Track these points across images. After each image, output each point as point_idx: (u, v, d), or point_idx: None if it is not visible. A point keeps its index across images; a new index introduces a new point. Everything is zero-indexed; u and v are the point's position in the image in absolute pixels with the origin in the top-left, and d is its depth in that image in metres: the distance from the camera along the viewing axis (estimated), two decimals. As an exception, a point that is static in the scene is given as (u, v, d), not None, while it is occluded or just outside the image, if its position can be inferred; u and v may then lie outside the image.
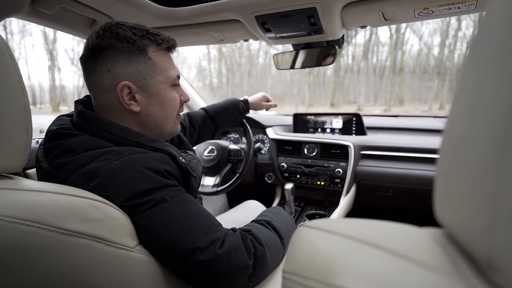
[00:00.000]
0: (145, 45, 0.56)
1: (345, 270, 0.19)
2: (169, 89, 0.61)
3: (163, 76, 0.59)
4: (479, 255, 0.16)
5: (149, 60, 0.56)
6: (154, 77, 0.57)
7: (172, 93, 0.62)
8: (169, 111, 0.62)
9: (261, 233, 0.57)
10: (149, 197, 0.45)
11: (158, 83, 0.58)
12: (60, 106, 15.55)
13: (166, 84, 0.60)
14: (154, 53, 0.57)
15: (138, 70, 0.55)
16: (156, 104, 0.59)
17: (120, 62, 0.54)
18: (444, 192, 0.20)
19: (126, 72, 0.54)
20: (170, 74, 0.60)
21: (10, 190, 0.35)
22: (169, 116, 0.62)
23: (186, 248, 0.45)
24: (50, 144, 0.51)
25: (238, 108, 1.08)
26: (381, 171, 1.24)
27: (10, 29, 13.11)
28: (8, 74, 0.37)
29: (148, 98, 0.58)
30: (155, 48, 0.58)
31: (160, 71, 0.58)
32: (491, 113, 0.16)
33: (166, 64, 0.59)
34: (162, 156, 0.52)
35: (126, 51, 0.54)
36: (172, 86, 0.62)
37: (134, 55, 0.55)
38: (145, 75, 0.56)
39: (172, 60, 0.63)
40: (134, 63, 0.55)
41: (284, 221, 0.69)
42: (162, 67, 0.58)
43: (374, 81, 13.85)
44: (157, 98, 0.59)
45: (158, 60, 0.58)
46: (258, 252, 0.52)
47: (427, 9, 0.76)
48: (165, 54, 0.60)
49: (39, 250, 0.33)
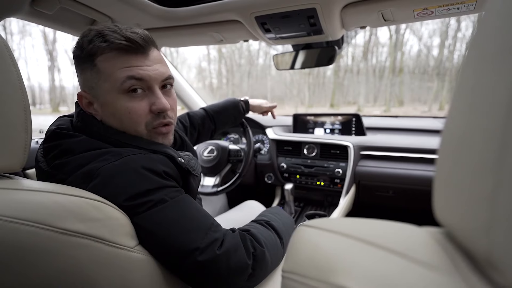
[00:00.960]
0: (91, 50, 0.50)
1: (344, 268, 0.19)
2: (120, 98, 0.51)
3: (108, 82, 0.51)
4: (479, 254, 0.16)
5: (94, 66, 0.50)
6: (100, 85, 0.51)
7: (126, 103, 0.51)
8: (126, 123, 0.53)
9: (260, 233, 0.57)
10: (149, 197, 0.45)
11: (104, 92, 0.51)
12: (59, 106, 15.53)
13: (113, 92, 0.51)
14: (102, 56, 0.50)
15: (86, 79, 0.52)
16: (109, 115, 0.53)
17: (77, 71, 0.54)
18: (443, 191, 0.20)
19: (81, 81, 0.54)
20: (116, 79, 0.50)
21: (9, 190, 0.35)
22: (131, 130, 0.54)
23: (186, 249, 0.45)
24: (49, 144, 0.51)
25: (238, 108, 1.07)
26: (381, 171, 1.24)
27: (10, 29, 13.10)
28: (8, 74, 0.37)
29: (102, 109, 0.53)
30: (103, 52, 0.50)
31: (105, 77, 0.50)
32: (490, 113, 0.16)
33: (112, 68, 0.50)
34: (160, 157, 0.52)
35: (77, 59, 0.53)
36: (125, 93, 0.51)
37: (82, 62, 0.52)
38: (92, 84, 0.52)
39: (129, 60, 0.51)
40: (84, 70, 0.52)
41: (283, 221, 0.69)
42: (107, 72, 0.50)
43: (373, 82, 13.86)
44: (109, 109, 0.52)
45: (104, 65, 0.50)
46: (257, 252, 0.52)
47: (426, 9, 0.76)
48: (116, 55, 0.50)
49: (39, 250, 0.33)
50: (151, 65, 0.53)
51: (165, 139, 0.59)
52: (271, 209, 0.77)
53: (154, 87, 0.54)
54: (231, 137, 1.63)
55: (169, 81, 0.57)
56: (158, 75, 0.54)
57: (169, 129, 0.58)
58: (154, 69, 0.53)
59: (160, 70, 0.54)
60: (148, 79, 0.52)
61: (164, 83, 0.56)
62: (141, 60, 0.52)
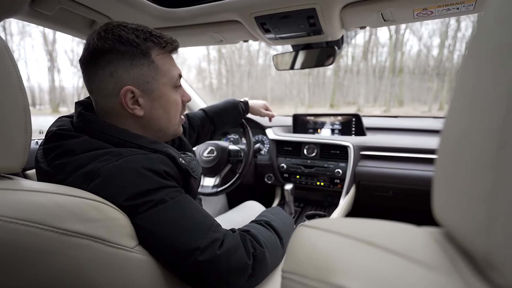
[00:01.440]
0: (148, 48, 0.55)
1: (344, 269, 0.19)
2: (172, 91, 0.60)
3: (165, 78, 0.58)
4: (478, 254, 0.16)
5: (152, 63, 0.56)
6: (157, 80, 0.57)
7: (175, 95, 0.61)
8: (172, 113, 0.61)
9: (260, 233, 0.57)
10: (149, 197, 0.45)
11: (161, 86, 0.58)
12: (59, 107, 15.52)
13: (168, 86, 0.59)
14: (158, 56, 0.56)
15: (141, 74, 0.55)
16: (159, 107, 0.59)
17: (123, 65, 0.53)
18: (443, 191, 0.20)
19: (129, 76, 0.54)
20: (172, 75, 0.59)
21: (9, 191, 0.35)
22: (172, 119, 0.62)
23: (186, 249, 0.45)
24: (49, 145, 0.51)
25: (237, 109, 1.08)
26: (381, 171, 1.24)
27: (10, 30, 13.09)
28: (8, 75, 0.37)
29: (151, 102, 0.57)
30: (158, 51, 0.57)
31: (163, 73, 0.58)
32: (489, 112, 0.16)
33: (168, 66, 0.59)
34: (161, 157, 0.52)
35: (129, 55, 0.53)
36: (175, 87, 0.61)
37: (137, 58, 0.54)
38: (148, 79, 0.56)
39: (174, 61, 0.62)
40: (137, 66, 0.54)
41: (283, 221, 0.69)
42: (164, 69, 0.58)
43: (373, 82, 13.86)
44: (161, 101, 0.58)
45: (161, 62, 0.57)
46: (257, 252, 0.52)
47: (426, 9, 0.76)
48: (168, 56, 0.60)
49: (39, 250, 0.33)
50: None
51: (181, 127, 0.67)
52: (271, 209, 0.77)
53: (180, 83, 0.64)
54: (231, 138, 1.63)
55: None
56: None
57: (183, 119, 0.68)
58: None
59: None
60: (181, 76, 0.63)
61: None
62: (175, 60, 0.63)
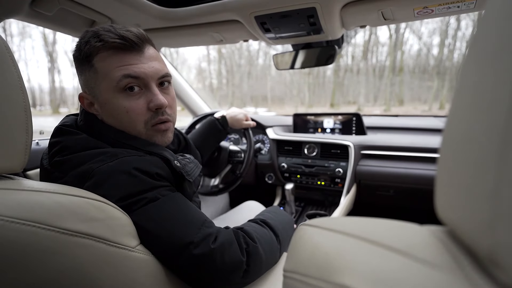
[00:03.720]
0: (88, 50, 0.50)
1: (346, 267, 0.19)
2: (118, 97, 0.52)
3: (105, 82, 0.51)
4: (481, 252, 0.16)
5: (92, 67, 0.51)
6: (98, 85, 0.52)
7: (122, 101, 0.52)
8: (126, 123, 0.53)
9: (253, 230, 0.57)
10: (141, 196, 0.46)
11: (103, 92, 0.52)
12: (60, 108, 15.57)
13: (111, 91, 0.51)
14: (98, 56, 0.51)
15: (86, 79, 0.54)
16: (109, 115, 0.54)
17: (78, 72, 0.55)
18: (445, 188, 0.20)
19: (81, 82, 0.55)
20: (113, 77, 0.50)
21: (10, 190, 0.35)
22: (130, 129, 0.54)
23: (180, 243, 0.45)
24: (52, 140, 0.53)
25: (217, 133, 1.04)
26: (382, 170, 1.24)
27: (10, 31, 13.12)
28: (8, 75, 0.37)
29: (101, 108, 0.54)
30: (99, 51, 0.51)
31: (102, 77, 0.51)
32: (491, 110, 0.16)
33: (108, 67, 0.51)
34: (156, 159, 0.52)
35: (77, 61, 0.54)
36: (122, 91, 0.52)
37: (82, 63, 0.53)
38: (91, 84, 0.53)
39: (123, 60, 0.51)
40: (83, 72, 0.53)
41: (280, 219, 0.68)
42: (104, 72, 0.51)
43: (373, 81, 13.87)
44: (107, 108, 0.53)
45: (100, 65, 0.51)
46: (250, 247, 0.52)
47: (426, 8, 0.76)
48: (112, 55, 0.51)
49: (40, 250, 0.33)
50: (147, 63, 0.53)
51: (164, 137, 0.58)
52: (269, 208, 0.77)
53: (150, 85, 0.54)
54: (232, 138, 1.63)
55: (166, 79, 0.57)
56: (154, 73, 0.54)
57: (167, 126, 0.58)
58: (150, 67, 0.53)
59: (156, 67, 0.54)
60: (144, 77, 0.52)
61: (161, 81, 0.56)
62: (137, 58, 0.52)
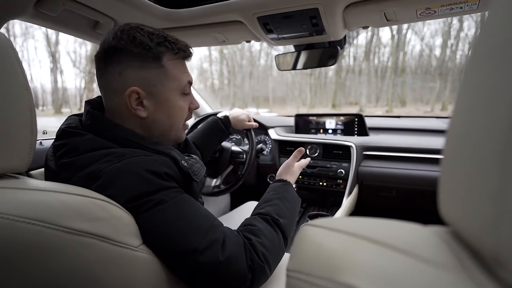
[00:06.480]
0: (160, 52, 0.55)
1: (350, 267, 0.19)
2: (179, 97, 0.60)
3: (173, 83, 0.58)
4: (485, 251, 0.16)
5: (161, 67, 0.56)
6: (165, 84, 0.57)
7: (181, 101, 0.61)
8: (175, 119, 0.61)
9: (262, 243, 0.54)
10: (149, 198, 0.46)
11: (168, 91, 0.58)
12: (62, 108, 15.64)
13: (176, 92, 0.59)
14: (169, 61, 0.57)
15: (149, 76, 0.55)
16: (163, 111, 0.58)
17: (132, 66, 0.54)
18: (449, 188, 0.20)
19: (137, 77, 0.54)
20: (181, 81, 0.60)
21: (15, 190, 0.35)
22: (175, 125, 0.62)
23: (184, 249, 0.45)
24: (57, 142, 0.53)
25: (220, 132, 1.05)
26: (384, 171, 1.24)
27: (13, 31, 13.21)
28: (14, 75, 0.37)
29: (156, 105, 0.57)
30: (170, 57, 0.57)
31: (172, 78, 0.58)
32: (495, 110, 0.16)
33: (178, 72, 0.59)
34: (163, 159, 0.52)
35: (140, 57, 0.54)
36: (183, 94, 0.61)
37: (148, 61, 0.55)
38: (156, 82, 0.56)
39: (186, 67, 0.62)
40: (146, 69, 0.55)
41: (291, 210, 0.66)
42: (174, 75, 0.58)
43: (375, 82, 13.83)
44: (165, 106, 0.58)
45: (171, 68, 0.57)
46: (255, 265, 0.50)
47: (429, 9, 0.76)
48: (180, 62, 0.60)
49: (44, 249, 0.33)
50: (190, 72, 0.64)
51: (183, 133, 0.67)
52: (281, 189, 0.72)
53: (190, 90, 0.65)
54: (234, 138, 1.63)
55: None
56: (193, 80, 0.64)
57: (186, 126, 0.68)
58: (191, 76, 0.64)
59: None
60: (192, 83, 0.64)
61: None
62: (188, 67, 0.63)
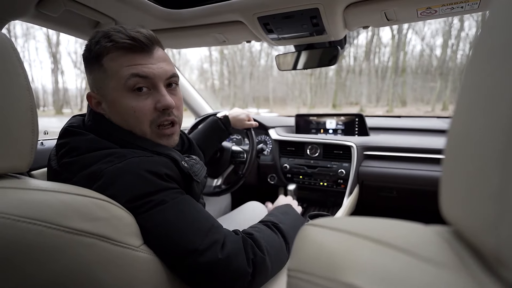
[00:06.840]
0: (98, 50, 0.52)
1: (351, 266, 0.19)
2: (126, 96, 0.52)
3: (113, 81, 0.52)
4: (486, 250, 0.16)
5: (101, 66, 0.52)
6: (107, 84, 0.53)
7: (132, 101, 0.52)
8: (132, 122, 0.54)
9: (263, 237, 0.55)
10: (149, 198, 0.46)
11: (111, 91, 0.53)
12: (63, 108, 15.67)
13: (120, 91, 0.52)
14: (108, 56, 0.52)
15: (95, 79, 0.54)
16: (116, 114, 0.54)
17: (87, 72, 0.55)
18: (450, 188, 0.20)
19: (90, 82, 0.56)
20: (121, 76, 0.51)
21: (16, 189, 0.35)
22: (136, 128, 0.54)
23: (185, 250, 0.45)
24: (59, 141, 0.53)
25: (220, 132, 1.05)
26: (384, 171, 1.24)
27: (14, 32, 13.23)
28: (15, 75, 0.38)
29: (109, 108, 0.54)
30: (109, 52, 0.51)
31: (111, 76, 0.52)
32: (496, 109, 0.16)
33: (117, 66, 0.51)
34: (164, 160, 0.52)
35: (86, 61, 0.55)
36: (131, 91, 0.52)
37: (91, 63, 0.54)
38: (100, 84, 0.53)
39: (134, 59, 0.52)
40: (93, 71, 0.54)
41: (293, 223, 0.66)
42: (112, 71, 0.52)
43: (376, 82, 13.82)
44: (115, 107, 0.53)
45: (110, 64, 0.52)
46: (257, 258, 0.51)
47: (430, 8, 0.76)
48: (122, 54, 0.52)
49: (45, 249, 0.33)
50: (155, 63, 0.54)
51: (169, 140, 0.59)
52: (282, 208, 0.73)
53: (158, 85, 0.54)
54: (234, 138, 1.63)
55: (174, 79, 0.58)
56: (163, 73, 0.55)
57: (173, 130, 0.59)
58: (158, 67, 0.54)
59: (165, 68, 0.55)
60: (153, 77, 0.53)
61: (169, 81, 0.57)
62: (146, 59, 0.53)
